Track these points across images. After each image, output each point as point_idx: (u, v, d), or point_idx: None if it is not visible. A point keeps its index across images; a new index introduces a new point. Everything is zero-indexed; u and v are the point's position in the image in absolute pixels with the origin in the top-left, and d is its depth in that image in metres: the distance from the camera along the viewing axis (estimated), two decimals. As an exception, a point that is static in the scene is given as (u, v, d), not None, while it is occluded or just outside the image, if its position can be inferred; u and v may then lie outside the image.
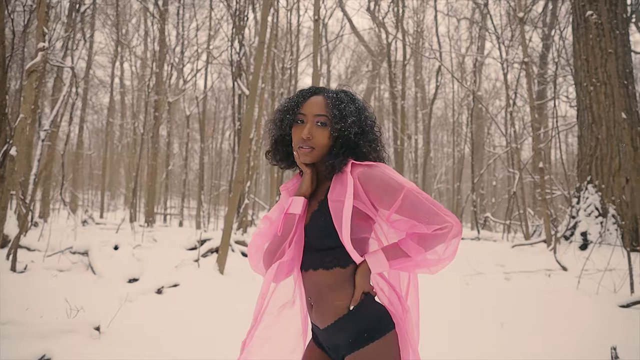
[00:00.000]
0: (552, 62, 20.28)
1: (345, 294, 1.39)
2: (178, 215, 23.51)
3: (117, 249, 6.66)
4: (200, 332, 4.49)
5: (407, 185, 1.36)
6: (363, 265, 1.40)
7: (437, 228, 1.36)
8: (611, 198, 8.23)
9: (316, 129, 1.43)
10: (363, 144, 1.44)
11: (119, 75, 26.46)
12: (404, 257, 1.38)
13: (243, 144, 7.16)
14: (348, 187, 1.37)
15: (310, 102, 1.45)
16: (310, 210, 1.48)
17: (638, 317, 4.34)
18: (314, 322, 1.50)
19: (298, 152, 1.44)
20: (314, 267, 1.43)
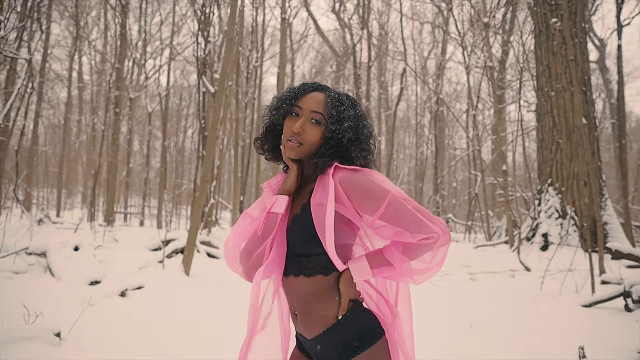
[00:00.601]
0: (510, 67, 20.90)
1: (331, 303, 1.34)
2: (139, 214, 22.91)
3: (77, 250, 6.38)
4: (167, 337, 4.34)
5: (392, 192, 1.30)
6: (346, 272, 1.34)
7: (423, 238, 1.30)
8: (570, 200, 8.51)
9: (309, 125, 1.36)
10: (354, 149, 1.38)
11: (77, 69, 25.57)
12: (388, 265, 1.33)
13: (210, 143, 7.00)
14: (329, 191, 1.30)
15: (309, 97, 1.39)
16: (292, 213, 1.40)
17: (600, 317, 4.48)
18: (299, 332, 1.43)
19: (285, 145, 1.37)
20: (294, 273, 1.36)
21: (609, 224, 8.53)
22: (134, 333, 4.32)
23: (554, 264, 6.77)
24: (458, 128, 29.12)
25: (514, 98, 22.02)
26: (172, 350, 3.95)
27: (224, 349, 3.97)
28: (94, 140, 23.47)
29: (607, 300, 4.76)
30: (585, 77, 9.00)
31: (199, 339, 4.35)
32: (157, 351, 3.91)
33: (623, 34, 13.20)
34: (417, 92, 26.69)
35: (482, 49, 17.88)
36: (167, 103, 20.45)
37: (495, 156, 16.00)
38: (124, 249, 7.80)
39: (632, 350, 3.42)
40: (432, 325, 4.63)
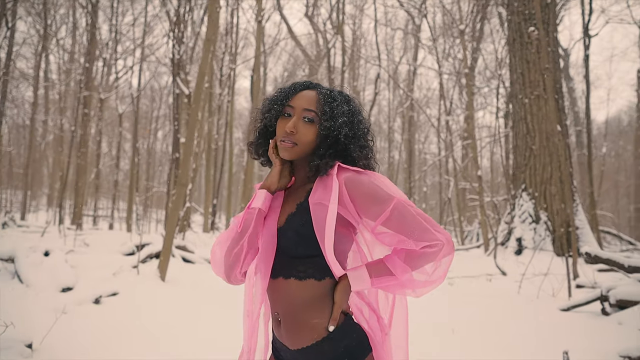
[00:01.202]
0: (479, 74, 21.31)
1: (323, 312, 1.26)
2: (108, 217, 22.33)
3: (47, 255, 6.13)
4: (143, 345, 4.20)
5: (397, 196, 1.25)
6: (344, 280, 1.26)
7: (426, 245, 1.24)
8: (543, 206, 8.69)
9: (302, 124, 1.30)
10: (353, 148, 1.32)
11: (44, 68, 24.80)
12: (389, 275, 1.27)
13: (187, 145, 6.86)
14: (333, 191, 1.24)
15: (300, 95, 1.34)
16: (285, 212, 1.33)
17: (579, 320, 4.56)
18: (281, 341, 1.33)
19: (279, 146, 1.32)
20: (284, 275, 1.28)
21: (580, 229, 8.76)
22: (109, 342, 4.17)
23: (530, 267, 6.88)
24: (429, 133, 29.52)
25: (482, 104, 22.50)
26: (149, 357, 3.82)
27: (203, 356, 3.86)
28: (62, 141, 22.79)
29: (585, 304, 4.85)
30: (557, 85, 9.24)
31: (177, 346, 4.23)
32: (134, 359, 3.77)
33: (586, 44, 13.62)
34: (389, 98, 26.96)
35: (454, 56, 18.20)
36: (138, 104, 20.01)
37: (467, 162, 16.26)
38: (96, 253, 7.55)
39: (615, 354, 3.48)
40: (415, 330, 4.62)
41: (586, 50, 13.66)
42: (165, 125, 30.99)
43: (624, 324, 4.14)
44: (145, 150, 29.46)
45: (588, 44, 13.33)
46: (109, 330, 4.51)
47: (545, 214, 8.57)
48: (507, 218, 9.29)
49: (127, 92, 25.15)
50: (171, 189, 12.49)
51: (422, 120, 28.88)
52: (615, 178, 31.47)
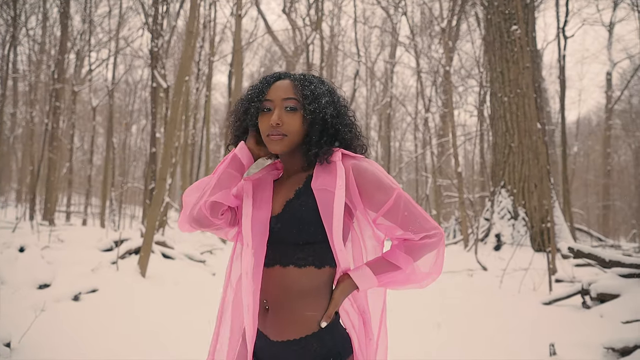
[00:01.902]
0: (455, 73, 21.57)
1: (318, 305, 1.22)
2: (81, 213, 21.82)
3: (22, 251, 5.93)
4: (125, 342, 4.11)
5: (397, 188, 1.24)
6: (347, 280, 1.23)
7: (425, 235, 1.24)
8: (522, 202, 8.85)
9: (286, 114, 1.26)
10: (342, 129, 1.29)
11: (12, 59, 24.01)
12: (393, 269, 1.25)
13: (168, 138, 6.74)
14: (338, 178, 1.21)
15: (275, 87, 1.29)
16: (280, 200, 1.29)
17: (561, 314, 4.65)
18: (262, 331, 1.26)
19: (267, 141, 1.27)
20: (283, 263, 1.23)
21: (557, 225, 8.94)
22: (90, 340, 4.05)
23: (513, 262, 6.99)
24: (405, 131, 29.77)
25: (457, 103, 22.79)
26: (131, 356, 3.74)
27: (185, 352, 3.80)
28: (32, 134, 22.15)
29: (566, 298, 4.94)
30: (536, 84, 9.42)
31: (159, 343, 4.15)
32: (115, 357, 3.68)
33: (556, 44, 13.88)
34: (366, 95, 27.07)
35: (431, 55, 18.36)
36: (113, 98, 19.58)
37: (444, 158, 16.43)
38: (72, 249, 7.35)
39: (598, 345, 3.55)
40: (400, 325, 4.64)
41: (562, 50, 13.94)
42: (140, 119, 30.45)
43: (605, 316, 4.23)
44: (119, 145, 28.89)
45: (565, 45, 13.61)
46: (89, 327, 4.39)
47: (523, 210, 8.73)
48: (486, 214, 9.44)
49: (100, 85, 24.59)
50: (148, 184, 12.26)
51: (398, 118, 29.11)
52: (585, 177, 32.33)
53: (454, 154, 10.91)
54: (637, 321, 3.78)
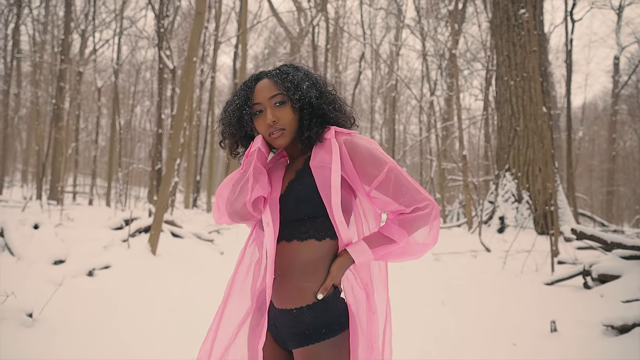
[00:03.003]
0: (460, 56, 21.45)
1: (316, 277, 1.30)
2: (87, 193, 22.00)
3: (37, 228, 6.07)
4: (139, 315, 4.26)
5: (389, 161, 1.32)
6: (344, 255, 1.31)
7: (417, 207, 1.31)
8: (526, 185, 8.93)
9: (277, 110, 1.36)
10: (327, 108, 1.38)
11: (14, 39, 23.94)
12: (389, 243, 1.32)
13: (177, 120, 6.81)
14: (334, 153, 1.29)
15: (258, 89, 1.38)
16: (286, 180, 1.40)
17: (563, 294, 4.76)
18: (272, 298, 1.38)
19: (270, 140, 1.37)
20: (287, 238, 1.33)
21: (560, 209, 9.03)
22: (106, 313, 4.20)
23: (517, 244, 7.10)
24: (410, 114, 29.67)
25: (462, 87, 22.68)
26: (146, 329, 3.89)
27: (196, 326, 3.93)
28: (38, 115, 22.23)
29: (568, 279, 5.06)
30: (542, 68, 9.42)
31: (171, 317, 4.30)
32: (131, 330, 3.83)
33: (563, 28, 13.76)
34: (370, 78, 26.93)
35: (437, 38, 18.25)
36: (117, 79, 19.58)
37: (449, 141, 16.46)
38: (84, 228, 7.50)
39: (597, 323, 3.67)
40: (405, 303, 4.77)
41: (569, 34, 13.84)
42: (144, 101, 30.43)
43: (605, 296, 4.34)
44: (123, 126, 28.94)
45: (572, 29, 13.51)
46: (104, 301, 4.53)
47: (527, 194, 8.82)
48: (490, 197, 9.53)
49: (104, 66, 24.53)
50: (155, 165, 12.37)
51: (403, 101, 28.99)
52: (589, 162, 32.23)
53: (459, 137, 10.95)
54: (636, 300, 3.89)
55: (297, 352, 1.30)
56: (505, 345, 3.59)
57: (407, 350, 3.47)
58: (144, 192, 31.06)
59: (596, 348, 3.38)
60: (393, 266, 6.75)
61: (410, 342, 3.65)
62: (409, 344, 3.60)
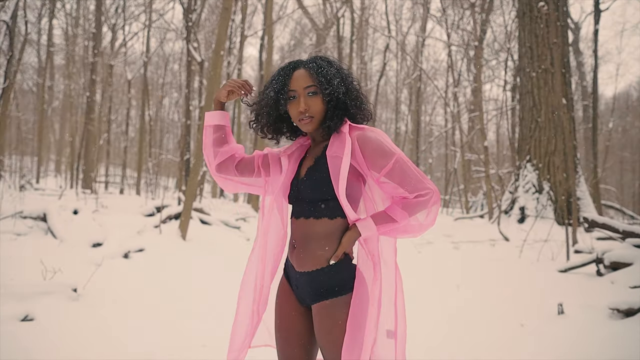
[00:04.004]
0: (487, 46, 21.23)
1: (328, 247, 1.54)
2: (117, 183, 22.73)
3: (76, 214, 6.50)
4: (172, 293, 4.60)
5: (397, 152, 1.54)
6: (353, 229, 1.54)
7: (419, 194, 1.52)
8: (547, 176, 8.98)
9: (309, 99, 1.56)
10: (350, 103, 1.60)
11: (47, 33, 24.71)
12: (391, 222, 1.54)
13: (206, 111, 7.14)
14: (346, 147, 1.52)
15: (295, 77, 1.58)
16: (306, 166, 1.64)
17: (575, 280, 4.91)
18: (291, 262, 1.63)
19: (299, 124, 1.60)
20: (305, 216, 1.58)
21: (582, 200, 9.07)
22: (141, 291, 4.56)
23: (531, 234, 7.23)
24: (436, 105, 29.50)
25: (490, 77, 22.46)
26: (179, 305, 4.21)
27: (226, 303, 4.24)
28: (71, 107, 22.99)
29: (581, 266, 5.19)
30: (565, 60, 9.40)
31: (202, 294, 4.63)
32: (165, 305, 4.15)
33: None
34: (396, 69, 26.87)
35: (463, 27, 18.16)
36: (146, 71, 20.11)
37: (473, 133, 16.44)
38: (118, 214, 7.94)
39: (604, 307, 3.83)
40: (422, 287, 5.00)
41: (596, 24, 13.66)
42: (172, 92, 31.03)
43: (615, 283, 4.48)
44: (152, 117, 29.63)
45: (598, 18, 13.32)
46: (139, 280, 4.90)
47: (548, 184, 8.87)
48: (511, 188, 9.60)
49: (133, 58, 25.12)
50: (184, 155, 12.80)
51: (429, 92, 28.83)
52: (621, 154, 31.37)
53: (480, 128, 11.02)
54: (643, 286, 4.03)
55: (314, 306, 1.58)
56: (513, 325, 3.79)
57: (422, 327, 3.70)
58: (172, 182, 31.76)
59: (600, 330, 3.55)
60: (409, 252, 6.96)
61: (425, 321, 3.89)
62: (424, 322, 3.83)
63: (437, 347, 3.39)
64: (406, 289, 1.71)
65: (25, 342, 3.06)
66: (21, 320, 3.35)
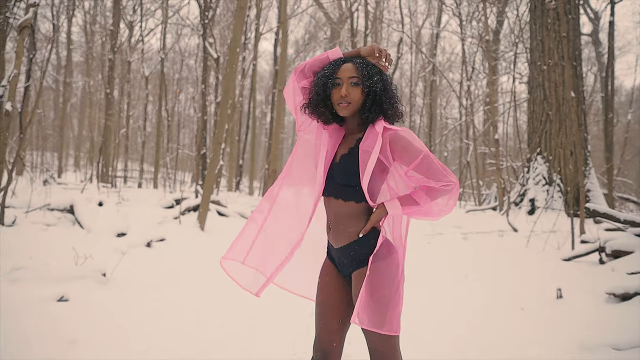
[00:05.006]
0: (504, 38, 21.15)
1: (358, 224, 1.82)
2: (135, 178, 23.23)
3: (101, 206, 6.85)
4: (193, 280, 4.88)
5: (424, 150, 1.81)
6: (381, 207, 1.81)
7: (444, 184, 1.81)
8: (557, 169, 9.10)
9: (351, 87, 1.81)
10: (385, 101, 1.87)
11: (65, 30, 25.23)
12: (414, 204, 1.80)
13: (223, 107, 7.42)
14: (377, 144, 1.78)
15: (343, 69, 1.84)
16: (340, 153, 1.89)
17: (578, 268, 5.09)
18: (330, 242, 1.92)
19: (338, 108, 1.87)
20: (335, 196, 1.84)
21: (591, 191, 9.17)
22: (164, 276, 4.86)
23: (540, 225, 7.39)
24: (451, 98, 29.43)
25: (507, 69, 22.38)
26: (200, 291, 4.49)
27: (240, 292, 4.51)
28: (90, 103, 23.49)
29: (585, 255, 5.36)
30: (576, 52, 9.48)
31: (219, 280, 4.88)
32: (188, 291, 4.44)
33: (618, 7, 13.55)
34: (411, 62, 26.88)
35: (478, 20, 18.17)
36: (163, 67, 20.50)
37: (487, 126, 16.48)
38: (139, 206, 8.28)
39: (602, 292, 4.02)
40: (431, 274, 5.22)
41: (611, 15, 13.61)
42: (188, 88, 31.43)
43: (616, 270, 4.65)
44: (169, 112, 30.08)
45: (613, 10, 13.29)
46: (162, 267, 5.21)
47: (558, 177, 8.99)
48: (521, 180, 9.73)
49: (150, 54, 25.53)
50: (200, 149, 13.13)
51: (444, 85, 28.77)
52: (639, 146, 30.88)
53: (492, 122, 11.13)
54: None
55: (353, 274, 1.86)
56: (515, 309, 4.01)
57: (428, 311, 3.93)
58: (188, 177, 32.22)
59: (596, 313, 3.75)
60: (419, 242, 7.16)
61: (431, 305, 4.11)
62: (430, 307, 4.06)
63: (441, 330, 3.62)
64: (415, 277, 1.97)
65: (62, 320, 3.37)
66: (57, 301, 3.66)
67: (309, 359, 3.07)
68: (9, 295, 3.54)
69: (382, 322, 1.74)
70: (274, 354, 3.17)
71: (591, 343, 3.12)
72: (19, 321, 3.21)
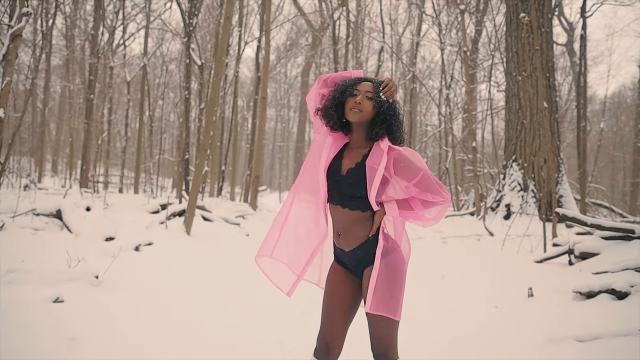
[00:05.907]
0: (482, 46, 21.71)
1: (365, 228, 2.07)
2: (115, 183, 23.09)
3: (89, 210, 6.93)
4: (183, 281, 5.05)
5: (424, 169, 2.06)
6: (382, 209, 2.06)
7: (440, 199, 2.07)
8: (531, 175, 9.49)
9: (365, 99, 2.07)
10: (394, 123, 2.13)
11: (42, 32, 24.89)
12: (409, 209, 2.08)
13: (209, 115, 7.59)
14: (382, 161, 2.04)
15: (363, 84, 2.10)
16: (347, 166, 2.11)
17: (549, 269, 5.40)
18: (340, 247, 2.15)
19: (349, 113, 2.10)
20: (342, 205, 2.08)
21: (564, 197, 9.59)
22: (154, 279, 5.01)
23: (514, 229, 7.72)
24: (430, 105, 29.97)
25: (485, 77, 22.95)
26: (189, 292, 4.66)
27: (227, 292, 4.71)
28: (70, 107, 23.32)
29: (556, 257, 5.68)
30: (550, 64, 9.92)
31: (207, 282, 5.08)
32: (173, 294, 4.60)
33: (591, 20, 14.09)
34: (391, 69, 27.33)
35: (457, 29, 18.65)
36: (145, 72, 20.48)
37: (465, 133, 16.92)
38: (126, 211, 8.37)
39: (569, 291, 4.31)
40: (410, 277, 5.45)
41: (582, 30, 14.17)
42: (168, 92, 31.33)
43: (583, 270, 4.97)
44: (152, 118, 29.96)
45: (583, 24, 13.85)
46: (151, 270, 5.34)
47: (532, 183, 9.38)
48: (498, 186, 10.10)
49: (131, 59, 25.40)
50: (183, 155, 13.23)
51: (424, 92, 29.30)
52: (612, 154, 31.83)
53: (470, 130, 11.51)
54: (604, 272, 4.51)
55: (365, 270, 2.09)
56: (488, 307, 4.27)
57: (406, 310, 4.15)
58: (168, 182, 32.03)
59: (563, 309, 4.03)
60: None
61: (410, 305, 4.34)
62: (409, 306, 4.29)
63: (419, 327, 3.86)
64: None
65: (58, 320, 3.50)
66: (53, 302, 3.79)
67: (297, 357, 3.28)
68: (6, 297, 3.66)
69: (389, 309, 1.99)
70: (263, 352, 3.36)
71: (557, 336, 3.39)
72: (18, 321, 3.35)
